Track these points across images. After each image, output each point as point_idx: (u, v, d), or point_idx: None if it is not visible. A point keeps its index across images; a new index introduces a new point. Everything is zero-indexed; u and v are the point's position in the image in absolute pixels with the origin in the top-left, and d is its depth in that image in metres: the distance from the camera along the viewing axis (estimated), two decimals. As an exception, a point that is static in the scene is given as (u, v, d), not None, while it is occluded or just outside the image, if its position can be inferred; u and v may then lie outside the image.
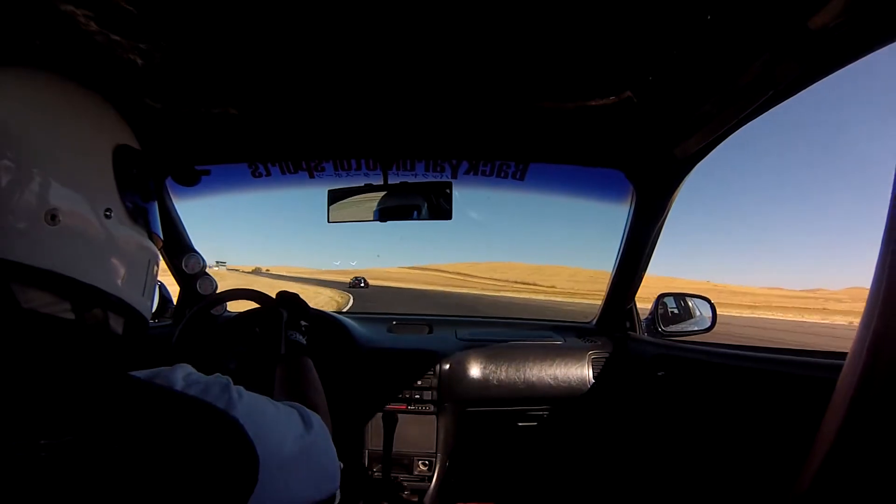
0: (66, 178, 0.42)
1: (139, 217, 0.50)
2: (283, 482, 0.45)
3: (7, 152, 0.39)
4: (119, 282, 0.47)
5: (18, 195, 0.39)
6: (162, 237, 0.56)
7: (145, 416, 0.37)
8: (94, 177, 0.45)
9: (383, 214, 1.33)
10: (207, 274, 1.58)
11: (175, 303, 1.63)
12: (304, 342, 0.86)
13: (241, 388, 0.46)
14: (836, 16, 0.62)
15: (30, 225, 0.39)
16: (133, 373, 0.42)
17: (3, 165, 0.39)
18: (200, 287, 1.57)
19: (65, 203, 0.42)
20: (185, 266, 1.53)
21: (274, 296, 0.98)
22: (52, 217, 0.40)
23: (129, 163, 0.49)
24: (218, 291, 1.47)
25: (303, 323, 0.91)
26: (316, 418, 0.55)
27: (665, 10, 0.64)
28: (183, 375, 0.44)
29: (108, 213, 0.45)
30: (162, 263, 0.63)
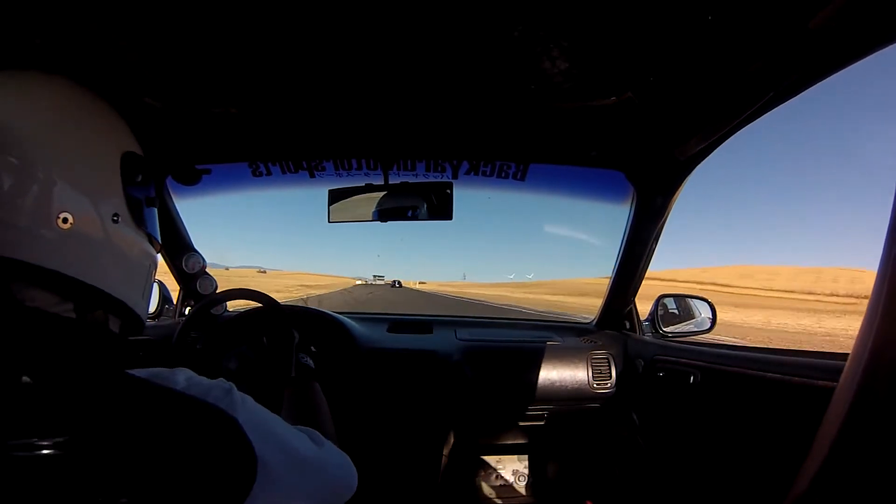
0: (79, 183, 0.43)
1: (142, 222, 0.51)
2: (285, 488, 0.45)
3: (23, 154, 0.40)
4: (122, 285, 0.48)
5: (33, 197, 0.40)
6: (160, 240, 0.57)
7: (144, 413, 0.37)
8: (105, 182, 0.46)
9: (383, 214, 1.34)
10: (207, 273, 1.58)
11: (175, 303, 1.63)
12: (313, 366, 0.88)
13: (247, 396, 0.47)
14: (837, 16, 0.62)
15: (43, 227, 0.40)
16: (133, 372, 0.42)
17: (19, 167, 0.39)
18: (200, 287, 1.57)
19: (77, 207, 0.42)
20: (185, 266, 1.53)
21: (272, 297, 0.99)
22: (65, 220, 0.41)
23: (135, 169, 0.50)
24: (218, 291, 1.47)
25: (311, 347, 0.92)
26: (327, 441, 0.56)
27: (666, 10, 0.64)
28: (184, 377, 0.44)
29: (115, 218, 0.46)
30: (161, 263, 0.63)
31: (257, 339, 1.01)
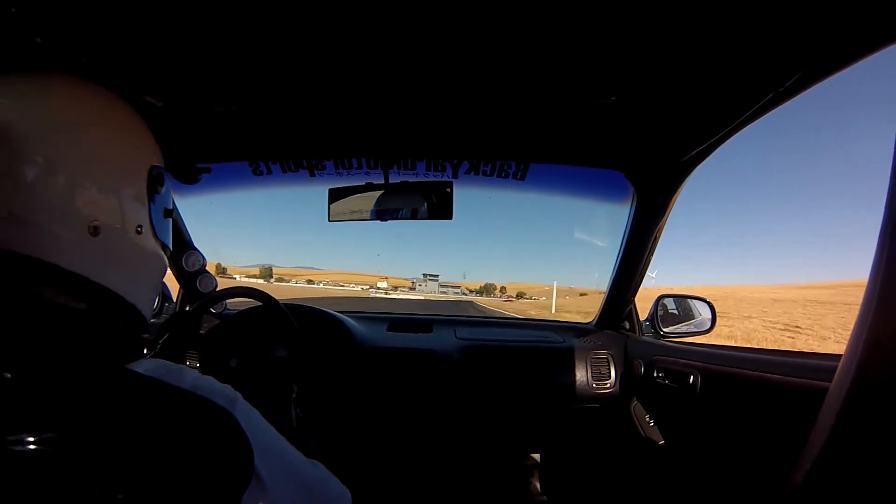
0: (111, 193, 0.46)
1: (159, 232, 0.54)
2: (277, 499, 0.45)
3: (62, 159, 0.41)
4: (136, 290, 0.50)
5: (67, 202, 0.41)
6: (171, 247, 0.59)
7: (146, 408, 0.37)
8: (134, 195, 0.49)
9: (384, 213, 1.34)
10: (207, 271, 1.58)
11: (175, 301, 1.64)
12: (302, 415, 0.91)
13: (252, 408, 0.48)
14: (839, 16, 0.62)
15: (74, 233, 0.42)
16: (138, 367, 0.42)
17: (57, 171, 0.41)
18: (200, 285, 1.57)
19: (107, 217, 0.44)
20: (186, 264, 1.54)
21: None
22: (95, 229, 0.43)
23: (159, 182, 0.53)
24: (218, 289, 1.47)
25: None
26: (326, 470, 0.57)
27: (667, 10, 0.64)
28: (192, 377, 0.45)
29: (139, 229, 0.49)
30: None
31: (262, 352, 1.02)
